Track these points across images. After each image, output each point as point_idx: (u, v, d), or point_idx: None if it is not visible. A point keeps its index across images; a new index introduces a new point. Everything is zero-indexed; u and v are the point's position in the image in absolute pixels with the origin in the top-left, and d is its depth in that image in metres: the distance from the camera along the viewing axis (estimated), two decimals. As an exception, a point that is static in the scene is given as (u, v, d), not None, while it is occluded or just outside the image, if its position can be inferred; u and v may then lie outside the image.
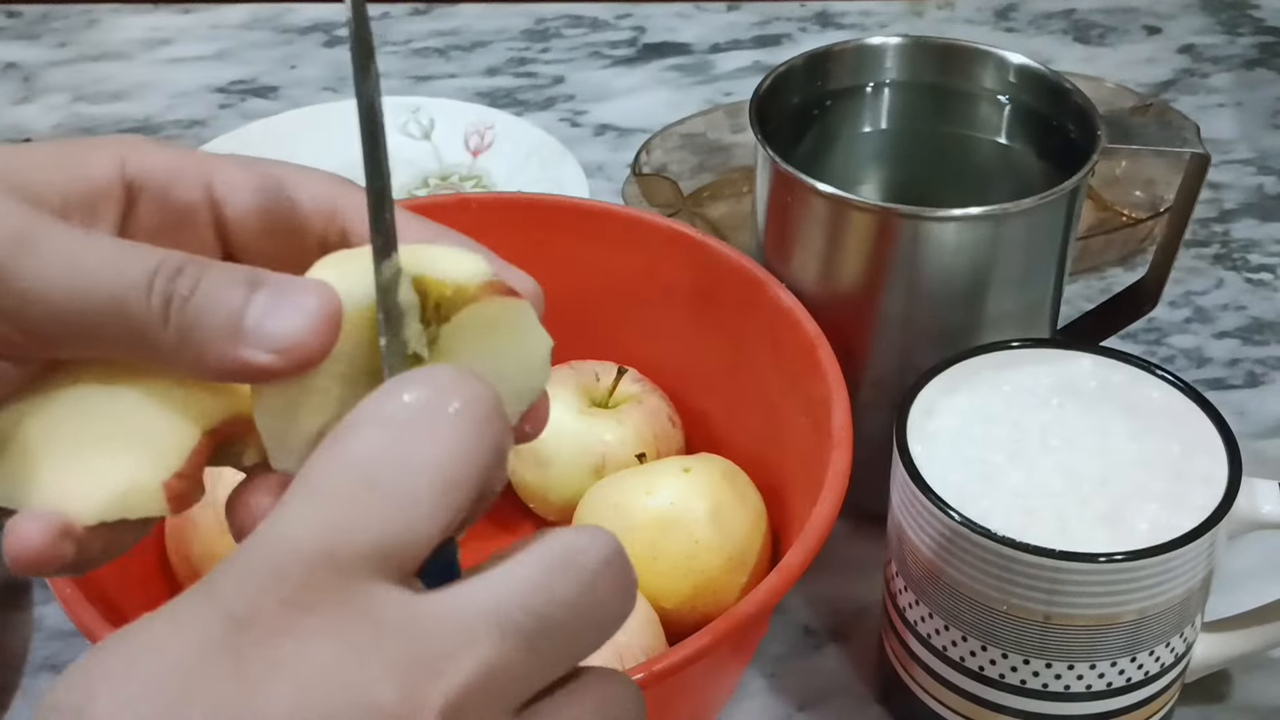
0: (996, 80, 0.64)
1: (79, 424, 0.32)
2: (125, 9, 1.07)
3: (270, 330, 0.30)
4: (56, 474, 0.31)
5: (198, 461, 0.32)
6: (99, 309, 0.30)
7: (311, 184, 0.36)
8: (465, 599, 0.27)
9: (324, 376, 0.31)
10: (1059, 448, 0.51)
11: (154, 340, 0.31)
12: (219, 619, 0.26)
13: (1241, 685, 0.58)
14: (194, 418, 0.32)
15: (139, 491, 0.31)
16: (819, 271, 0.59)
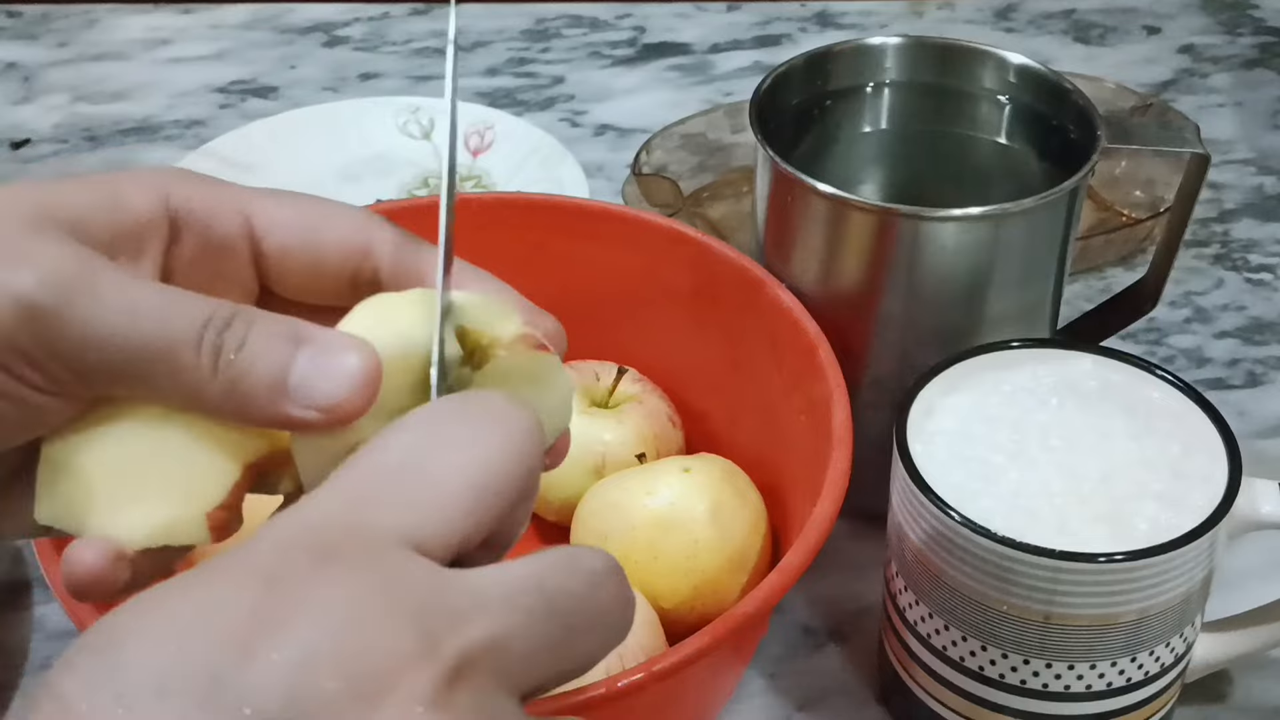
0: (996, 80, 0.64)
1: (129, 457, 0.33)
2: (125, 9, 1.07)
3: (315, 390, 0.32)
4: (108, 503, 0.33)
5: (238, 494, 0.34)
6: (150, 358, 0.32)
7: (345, 223, 0.37)
8: (481, 575, 0.28)
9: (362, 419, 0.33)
10: (1059, 448, 0.51)
11: (200, 390, 0.32)
12: (252, 577, 0.27)
13: (1241, 685, 0.58)
14: (235, 454, 0.34)
15: (183, 523, 0.33)
16: (819, 271, 0.59)
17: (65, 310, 0.32)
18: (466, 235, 0.46)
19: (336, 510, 0.28)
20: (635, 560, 0.55)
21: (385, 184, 0.86)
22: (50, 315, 0.32)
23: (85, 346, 0.32)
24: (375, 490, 0.28)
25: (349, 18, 1.06)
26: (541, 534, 0.63)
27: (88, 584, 0.33)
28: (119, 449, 0.33)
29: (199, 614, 0.26)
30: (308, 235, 0.36)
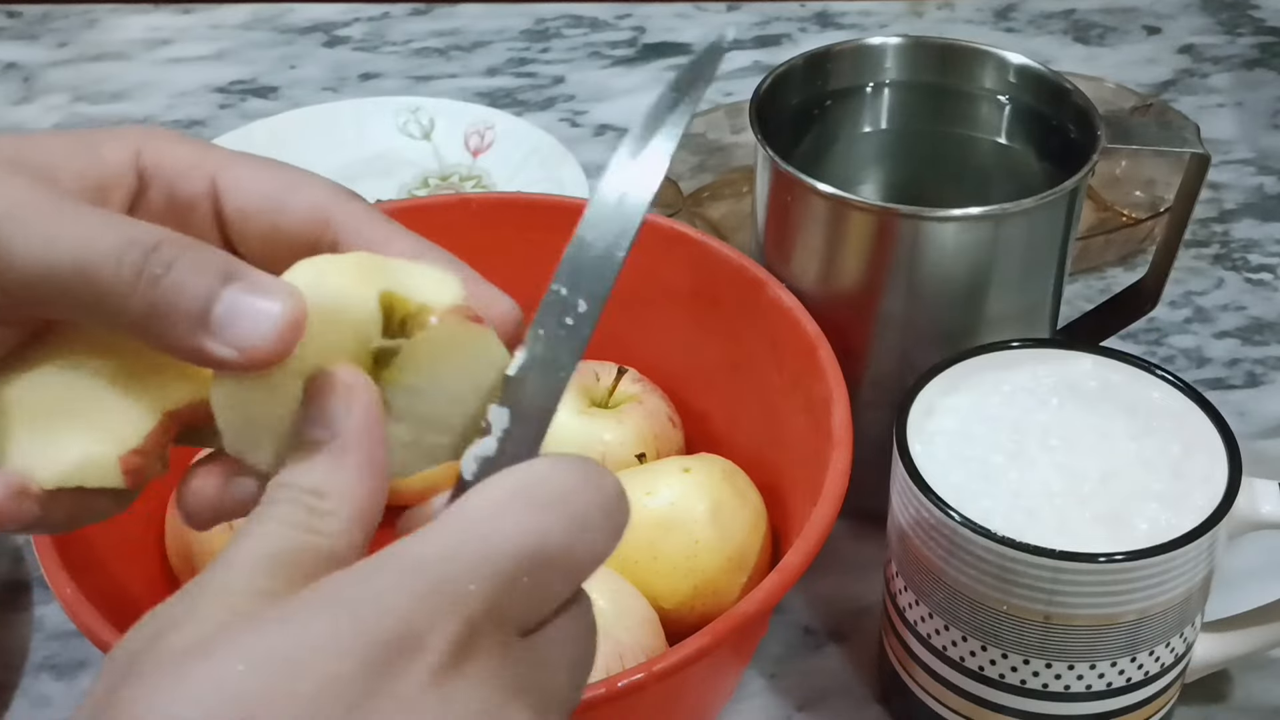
0: (996, 80, 0.64)
1: (49, 395, 0.34)
2: (125, 9, 1.07)
3: (235, 328, 0.31)
4: (24, 440, 0.33)
5: (158, 440, 0.33)
6: (68, 272, 0.32)
7: (311, 191, 0.37)
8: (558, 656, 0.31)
9: (282, 372, 0.32)
10: (1059, 448, 0.51)
11: (119, 308, 0.32)
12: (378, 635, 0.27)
13: (1241, 685, 0.58)
14: (156, 399, 0.34)
15: (95, 464, 0.33)
16: (819, 271, 0.59)
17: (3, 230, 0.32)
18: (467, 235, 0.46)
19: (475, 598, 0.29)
20: (635, 560, 0.55)
21: (385, 184, 0.86)
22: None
23: (17, 264, 0.32)
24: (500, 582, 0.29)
25: (349, 18, 1.06)
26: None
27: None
28: (41, 386, 0.34)
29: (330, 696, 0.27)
30: (270, 201, 0.36)
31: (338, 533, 0.30)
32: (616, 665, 0.50)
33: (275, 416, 0.32)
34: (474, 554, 0.29)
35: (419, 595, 0.28)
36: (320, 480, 0.31)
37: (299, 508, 0.30)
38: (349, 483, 0.31)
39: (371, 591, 0.28)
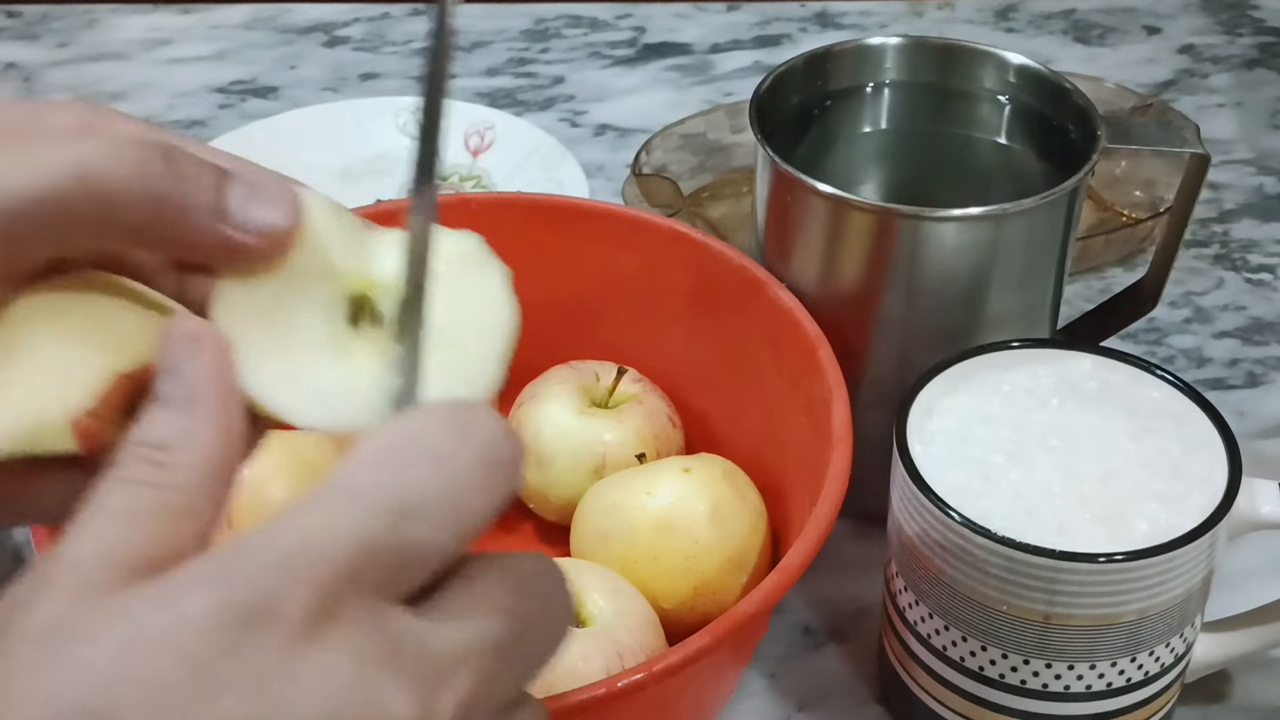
0: (996, 80, 0.64)
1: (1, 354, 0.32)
2: (125, 9, 1.07)
3: (253, 213, 0.32)
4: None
5: (111, 402, 0.33)
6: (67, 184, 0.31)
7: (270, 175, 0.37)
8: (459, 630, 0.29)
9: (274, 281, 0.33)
10: (1059, 448, 0.51)
11: (123, 208, 0.31)
12: (229, 607, 0.27)
13: (1241, 685, 0.58)
14: (110, 359, 0.33)
15: (46, 427, 0.32)
16: (819, 271, 0.59)
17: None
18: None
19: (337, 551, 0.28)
20: (635, 561, 0.55)
21: (385, 184, 0.86)
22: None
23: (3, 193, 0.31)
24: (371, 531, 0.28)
25: (349, 18, 1.06)
26: (541, 534, 0.63)
27: None
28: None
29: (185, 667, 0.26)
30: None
31: (186, 485, 0.29)
32: (616, 665, 0.50)
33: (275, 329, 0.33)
34: (330, 516, 0.28)
35: (271, 564, 0.27)
36: (165, 434, 0.30)
37: (144, 464, 0.29)
38: (194, 432, 0.30)
39: (227, 563, 0.27)
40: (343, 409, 0.33)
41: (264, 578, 0.27)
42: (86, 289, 0.34)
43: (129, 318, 0.33)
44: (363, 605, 0.28)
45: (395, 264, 0.34)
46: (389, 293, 0.34)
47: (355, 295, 0.34)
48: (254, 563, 0.27)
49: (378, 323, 0.34)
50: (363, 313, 0.34)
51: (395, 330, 0.33)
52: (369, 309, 0.34)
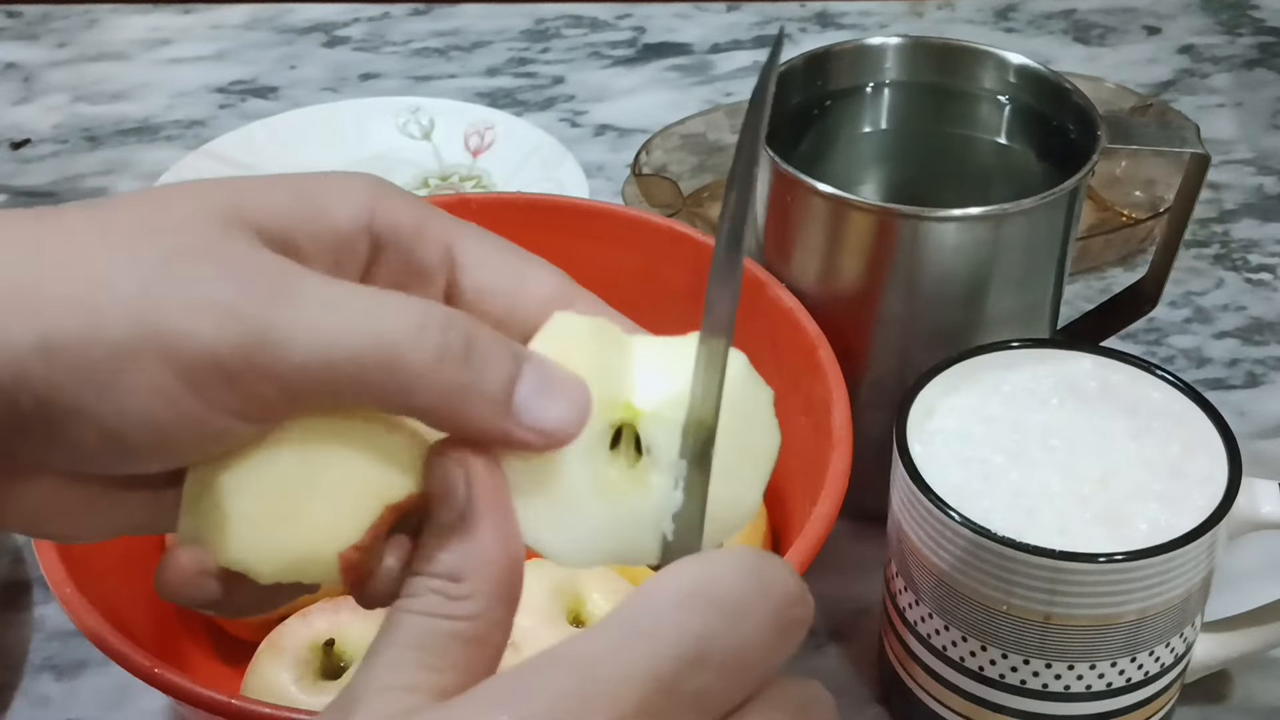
0: (996, 80, 0.64)
1: (269, 487, 0.32)
2: (125, 9, 1.07)
3: (539, 412, 0.31)
4: (244, 531, 0.32)
5: (376, 535, 0.32)
6: (366, 353, 0.30)
7: (546, 278, 0.36)
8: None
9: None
10: (1059, 448, 0.51)
11: (417, 388, 0.30)
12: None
13: (1241, 685, 0.58)
14: (377, 493, 0.32)
15: (315, 562, 0.32)
16: (819, 271, 0.59)
17: (276, 317, 0.30)
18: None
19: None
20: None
21: (385, 184, 0.86)
22: (260, 324, 0.30)
23: (299, 352, 0.30)
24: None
25: (349, 18, 1.06)
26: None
27: (173, 589, 0.33)
28: (263, 474, 0.32)
29: None
30: (508, 284, 0.35)
31: (478, 614, 0.30)
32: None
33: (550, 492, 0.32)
34: (629, 652, 0.28)
35: (567, 692, 0.28)
36: (452, 564, 0.30)
37: (435, 595, 0.30)
38: (481, 561, 0.30)
39: (524, 688, 0.28)
40: (610, 545, 0.33)
41: (560, 706, 0.27)
42: (349, 416, 0.33)
43: (393, 447, 0.33)
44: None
45: (664, 391, 0.33)
46: (656, 422, 0.33)
47: (620, 423, 0.33)
48: (550, 690, 0.28)
49: (642, 450, 0.33)
50: (626, 439, 0.33)
51: (682, 459, 0.33)
52: (633, 435, 0.33)
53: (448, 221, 0.35)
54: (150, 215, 0.31)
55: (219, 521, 0.32)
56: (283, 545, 0.32)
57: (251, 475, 0.32)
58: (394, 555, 0.32)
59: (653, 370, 0.34)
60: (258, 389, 0.30)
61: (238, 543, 0.32)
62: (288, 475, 0.32)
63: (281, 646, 0.52)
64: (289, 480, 0.32)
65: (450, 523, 0.31)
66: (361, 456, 0.32)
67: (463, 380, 0.31)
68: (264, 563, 0.32)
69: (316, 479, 0.32)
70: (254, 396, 0.30)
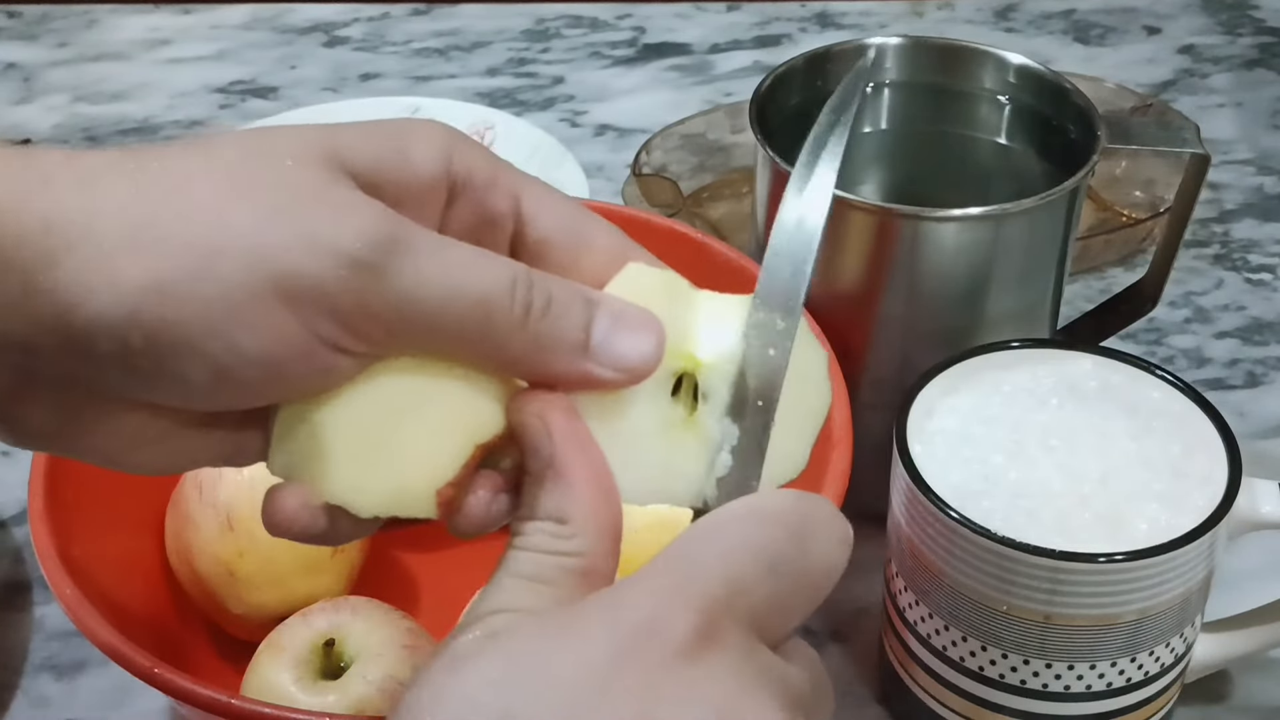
0: (996, 80, 0.64)
1: (369, 424, 0.34)
2: (125, 9, 1.07)
3: (613, 350, 0.34)
4: (343, 466, 0.34)
5: (469, 471, 0.34)
6: (466, 312, 0.32)
7: (609, 235, 0.37)
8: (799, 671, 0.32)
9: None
10: (1059, 448, 0.51)
11: (506, 343, 0.33)
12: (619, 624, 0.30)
13: (1242, 685, 0.58)
14: (469, 432, 0.34)
15: (414, 497, 0.34)
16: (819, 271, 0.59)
17: (389, 266, 0.31)
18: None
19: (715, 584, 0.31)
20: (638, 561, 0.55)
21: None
22: (374, 271, 0.31)
23: (405, 301, 0.32)
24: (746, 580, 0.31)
25: (349, 18, 1.06)
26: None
27: (284, 527, 0.34)
28: (360, 413, 0.34)
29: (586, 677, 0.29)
30: (573, 236, 0.37)
31: (585, 550, 0.33)
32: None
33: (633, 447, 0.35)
34: (712, 556, 0.31)
35: (660, 590, 0.30)
36: (553, 508, 0.33)
37: (544, 536, 0.33)
38: (578, 499, 0.33)
39: (619, 590, 0.31)
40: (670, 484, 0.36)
41: (652, 601, 0.30)
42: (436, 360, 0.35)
43: (478, 388, 0.34)
44: (739, 634, 0.30)
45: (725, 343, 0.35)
46: (715, 373, 0.35)
47: (681, 371, 0.35)
48: (644, 588, 0.30)
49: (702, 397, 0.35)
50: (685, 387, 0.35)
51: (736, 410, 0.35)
52: (692, 384, 0.35)
53: (516, 174, 0.37)
54: (256, 156, 0.33)
55: (318, 458, 0.34)
56: (382, 481, 0.34)
57: (350, 413, 0.34)
58: (483, 489, 0.35)
59: (715, 324, 0.36)
60: (364, 327, 0.32)
61: (339, 479, 0.34)
62: (386, 413, 0.34)
63: (281, 646, 0.52)
64: (387, 418, 0.34)
65: (541, 471, 0.33)
66: (452, 397, 0.34)
67: (544, 332, 0.33)
68: (364, 497, 0.34)
69: (413, 418, 0.34)
70: (359, 333, 0.32)
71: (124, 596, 0.53)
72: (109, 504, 0.54)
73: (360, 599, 0.55)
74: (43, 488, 0.51)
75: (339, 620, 0.53)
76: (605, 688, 0.29)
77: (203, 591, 0.56)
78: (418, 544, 0.62)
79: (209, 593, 0.55)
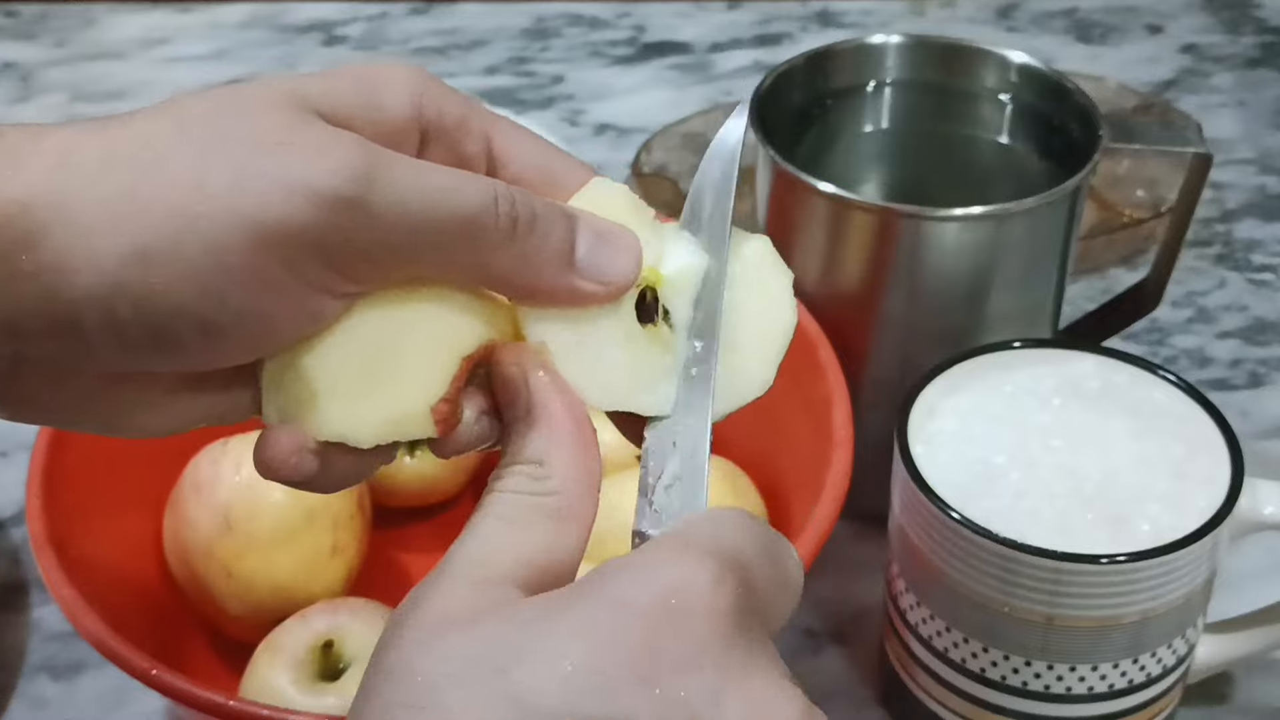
0: (998, 80, 0.64)
1: (351, 356, 0.34)
2: (123, 8, 1.07)
3: (596, 264, 0.35)
4: (337, 401, 0.34)
5: (459, 385, 0.35)
6: (454, 229, 0.32)
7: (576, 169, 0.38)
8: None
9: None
10: (1061, 448, 0.51)
11: (494, 258, 0.33)
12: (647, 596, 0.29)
13: (1244, 686, 0.58)
14: (454, 346, 0.35)
15: (410, 418, 0.34)
16: (820, 271, 0.59)
17: (369, 197, 0.31)
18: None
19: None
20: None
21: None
22: (356, 205, 0.31)
23: (391, 229, 0.32)
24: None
25: (347, 17, 1.06)
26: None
27: (274, 467, 0.34)
28: (348, 348, 0.34)
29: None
30: (544, 174, 0.37)
31: (561, 490, 0.33)
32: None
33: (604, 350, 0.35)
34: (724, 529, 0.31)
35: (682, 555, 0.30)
36: (531, 451, 0.33)
37: (522, 478, 0.33)
38: (558, 445, 0.33)
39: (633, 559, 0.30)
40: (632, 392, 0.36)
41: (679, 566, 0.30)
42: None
43: (456, 304, 0.35)
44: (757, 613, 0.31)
45: (684, 260, 0.37)
46: (676, 289, 0.36)
47: (643, 285, 0.36)
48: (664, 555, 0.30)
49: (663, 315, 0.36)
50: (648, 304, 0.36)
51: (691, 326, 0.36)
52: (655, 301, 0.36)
53: (486, 114, 0.37)
54: (224, 112, 0.33)
55: (310, 398, 0.34)
56: (378, 408, 0.34)
57: (336, 349, 0.34)
58: (472, 406, 0.35)
59: (676, 244, 0.37)
60: (352, 264, 0.32)
61: (334, 414, 0.34)
62: (372, 344, 0.34)
63: (280, 648, 0.52)
64: (374, 348, 0.34)
65: (520, 417, 0.34)
66: (433, 317, 0.35)
67: (532, 246, 0.33)
68: (363, 428, 0.34)
69: (398, 343, 0.34)
70: (348, 271, 0.32)
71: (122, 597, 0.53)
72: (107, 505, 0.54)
73: (359, 600, 0.55)
74: (40, 488, 0.51)
75: (337, 622, 0.53)
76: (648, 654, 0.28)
77: (201, 592, 0.55)
78: (417, 545, 0.62)
79: (207, 594, 0.55)
